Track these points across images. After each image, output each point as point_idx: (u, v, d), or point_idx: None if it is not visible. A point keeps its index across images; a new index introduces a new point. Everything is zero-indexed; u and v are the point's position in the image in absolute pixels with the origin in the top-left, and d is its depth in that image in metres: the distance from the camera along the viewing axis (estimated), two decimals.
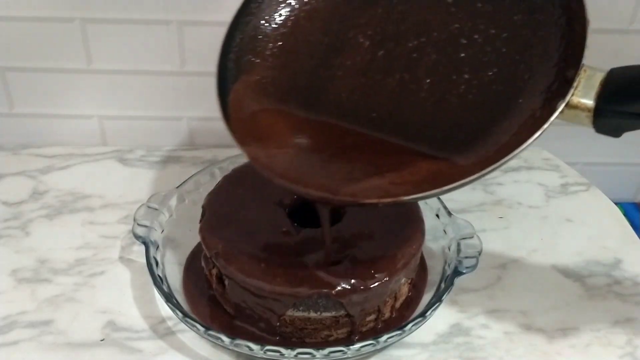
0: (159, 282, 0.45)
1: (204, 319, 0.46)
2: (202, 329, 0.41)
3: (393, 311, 0.47)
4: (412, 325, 0.42)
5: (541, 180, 0.64)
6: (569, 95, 0.35)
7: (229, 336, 0.41)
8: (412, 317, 0.45)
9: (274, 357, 0.41)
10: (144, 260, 0.46)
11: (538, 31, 0.38)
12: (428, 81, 0.41)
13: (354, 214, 0.47)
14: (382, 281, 0.43)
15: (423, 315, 0.42)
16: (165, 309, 0.47)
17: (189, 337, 0.45)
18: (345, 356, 0.41)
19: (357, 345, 0.40)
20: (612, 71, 0.35)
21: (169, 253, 0.50)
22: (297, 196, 0.48)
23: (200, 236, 0.47)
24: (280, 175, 0.39)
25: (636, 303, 0.50)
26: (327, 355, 0.40)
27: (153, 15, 0.60)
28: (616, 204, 0.61)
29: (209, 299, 0.48)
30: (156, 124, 0.67)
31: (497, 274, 0.52)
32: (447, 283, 0.45)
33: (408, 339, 0.45)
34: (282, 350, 0.40)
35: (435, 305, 0.43)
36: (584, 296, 0.50)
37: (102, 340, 0.45)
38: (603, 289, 0.51)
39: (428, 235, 0.49)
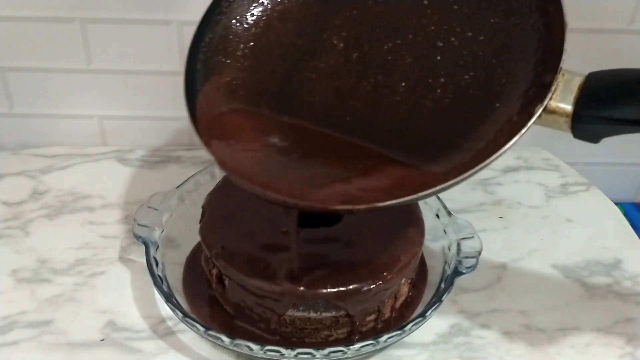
0: (159, 282, 0.45)
1: (204, 319, 0.46)
2: (202, 329, 0.41)
3: (393, 311, 0.47)
4: (412, 325, 0.42)
5: (541, 180, 0.64)
6: (546, 100, 0.34)
7: (229, 336, 0.41)
8: (412, 317, 0.45)
9: (274, 357, 0.41)
10: (144, 260, 0.46)
11: (515, 35, 0.37)
12: (403, 85, 0.40)
13: (354, 215, 0.47)
14: (382, 282, 0.43)
15: (423, 315, 0.42)
16: (165, 309, 0.47)
17: (189, 337, 0.45)
18: (345, 356, 0.41)
19: (357, 345, 0.40)
20: (590, 75, 0.35)
21: (169, 253, 0.50)
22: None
23: (200, 236, 0.47)
24: (246, 178, 0.38)
25: (636, 303, 0.50)
26: (327, 355, 0.40)
27: (153, 15, 0.60)
28: (616, 204, 0.61)
29: (209, 299, 0.48)
30: (156, 124, 0.67)
31: (497, 274, 0.52)
32: (447, 283, 0.45)
33: (408, 339, 0.45)
34: (282, 350, 0.40)
35: (435, 305, 0.43)
36: (584, 296, 0.50)
37: (102, 340, 0.45)
38: (603, 289, 0.51)
39: (428, 235, 0.49)
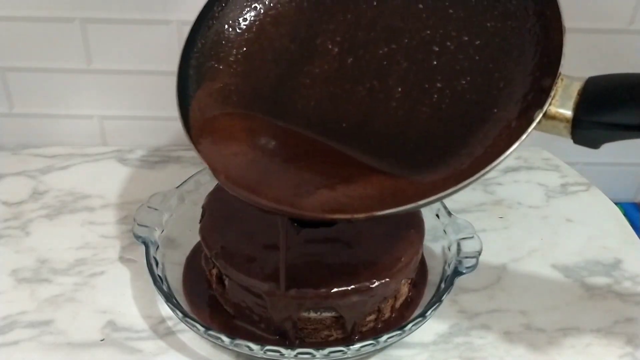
0: (159, 282, 0.45)
1: (204, 319, 0.46)
2: (202, 329, 0.41)
3: (393, 311, 0.47)
4: (412, 325, 0.42)
5: (541, 180, 0.64)
6: (546, 105, 0.33)
7: (229, 336, 0.41)
8: (412, 317, 0.45)
9: (274, 357, 0.41)
10: (144, 260, 0.46)
11: (512, 38, 0.37)
12: (399, 90, 0.39)
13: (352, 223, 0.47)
14: (382, 282, 0.43)
15: (423, 315, 0.42)
16: (165, 309, 0.47)
17: (189, 337, 0.45)
18: (345, 356, 0.41)
19: (357, 345, 0.40)
20: (589, 80, 0.34)
21: (169, 253, 0.50)
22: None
23: (200, 236, 0.47)
24: (237, 185, 0.38)
25: (636, 303, 0.50)
26: (327, 355, 0.40)
27: (153, 15, 0.60)
28: (616, 204, 0.61)
29: (209, 299, 0.48)
30: (156, 124, 0.67)
31: (497, 274, 0.52)
32: (447, 283, 0.45)
33: (408, 339, 0.45)
34: (282, 350, 0.40)
35: (435, 305, 0.43)
36: (584, 296, 0.50)
37: (102, 340, 0.45)
38: (603, 289, 0.51)
39: (428, 235, 0.49)
